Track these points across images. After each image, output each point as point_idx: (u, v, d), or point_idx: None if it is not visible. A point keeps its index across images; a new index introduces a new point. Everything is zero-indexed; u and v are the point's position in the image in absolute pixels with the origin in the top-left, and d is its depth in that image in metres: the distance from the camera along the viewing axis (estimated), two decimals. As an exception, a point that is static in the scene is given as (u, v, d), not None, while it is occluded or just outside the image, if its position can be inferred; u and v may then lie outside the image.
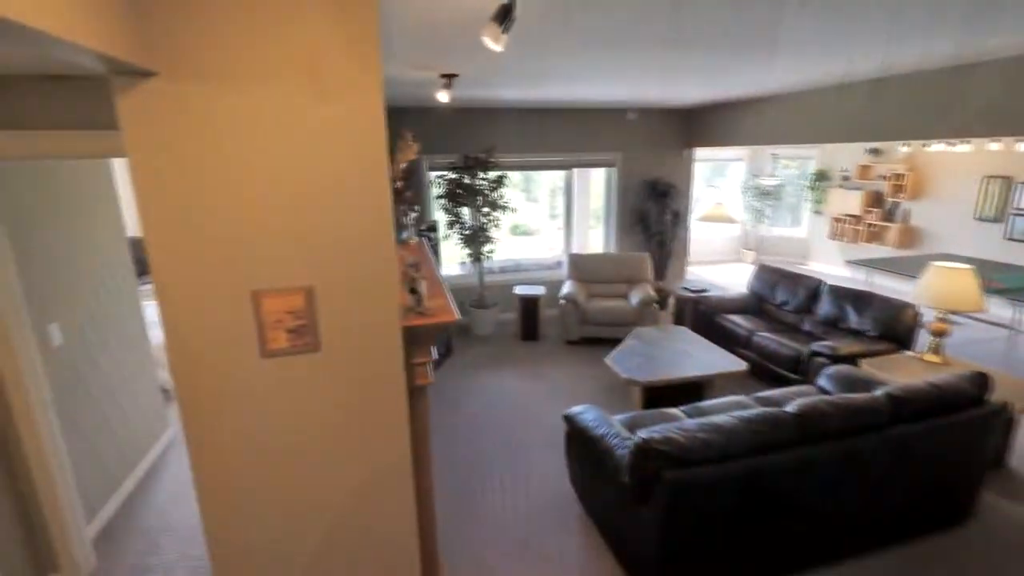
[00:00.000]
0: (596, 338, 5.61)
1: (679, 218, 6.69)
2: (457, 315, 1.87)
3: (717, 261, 10.15)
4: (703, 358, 4.12)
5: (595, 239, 8.50)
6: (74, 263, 2.81)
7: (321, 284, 1.62)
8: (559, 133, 6.20)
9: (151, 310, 3.80)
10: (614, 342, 5.42)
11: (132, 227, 3.83)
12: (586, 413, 2.86)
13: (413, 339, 1.81)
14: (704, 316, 5.36)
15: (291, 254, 1.57)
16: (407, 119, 4.68)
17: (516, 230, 9.75)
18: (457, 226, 5.70)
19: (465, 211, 5.71)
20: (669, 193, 6.49)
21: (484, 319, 5.97)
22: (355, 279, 1.64)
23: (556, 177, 9.43)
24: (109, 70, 1.31)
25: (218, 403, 1.63)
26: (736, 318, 5.11)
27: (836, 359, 3.92)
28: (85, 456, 2.79)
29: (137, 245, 3.49)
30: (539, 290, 5.81)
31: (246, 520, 1.74)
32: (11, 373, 2.25)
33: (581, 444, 2.83)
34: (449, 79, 3.45)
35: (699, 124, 6.42)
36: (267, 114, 1.47)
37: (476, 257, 5.79)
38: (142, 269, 3.91)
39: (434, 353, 1.96)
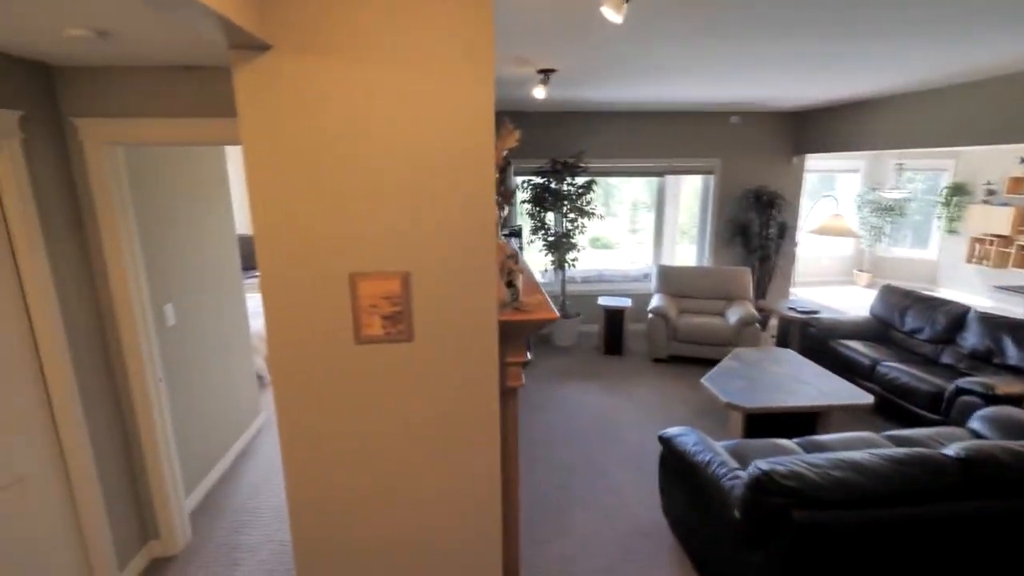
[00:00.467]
0: (686, 357, 5.22)
1: (786, 231, 6.09)
2: (557, 313, 1.70)
3: (824, 282, 9.19)
4: (818, 386, 3.62)
5: (682, 254, 8.02)
6: (189, 251, 3.00)
7: (418, 270, 1.53)
8: (653, 138, 5.90)
9: (252, 301, 4.02)
10: (706, 362, 5.02)
11: (240, 225, 4.09)
12: (685, 436, 2.57)
13: (508, 336, 1.67)
14: (815, 340, 4.78)
15: (391, 238, 1.50)
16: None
17: (596, 243, 9.48)
18: (542, 232, 5.57)
19: (550, 217, 5.58)
20: (775, 204, 5.92)
21: (565, 329, 5.76)
22: (453, 267, 1.54)
23: (637, 190, 9.06)
24: (228, 42, 1.31)
25: (311, 388, 1.59)
26: (855, 344, 4.49)
27: (991, 399, 3.29)
28: (186, 434, 2.94)
29: (244, 242, 3.73)
30: (625, 302, 5.51)
31: (330, 508, 1.69)
32: (132, 347, 2.40)
33: (678, 470, 2.53)
34: (547, 75, 3.34)
35: (811, 128, 5.82)
36: (375, 94, 1.42)
37: (560, 264, 5.62)
38: (247, 264, 4.18)
39: (528, 355, 1.81)
